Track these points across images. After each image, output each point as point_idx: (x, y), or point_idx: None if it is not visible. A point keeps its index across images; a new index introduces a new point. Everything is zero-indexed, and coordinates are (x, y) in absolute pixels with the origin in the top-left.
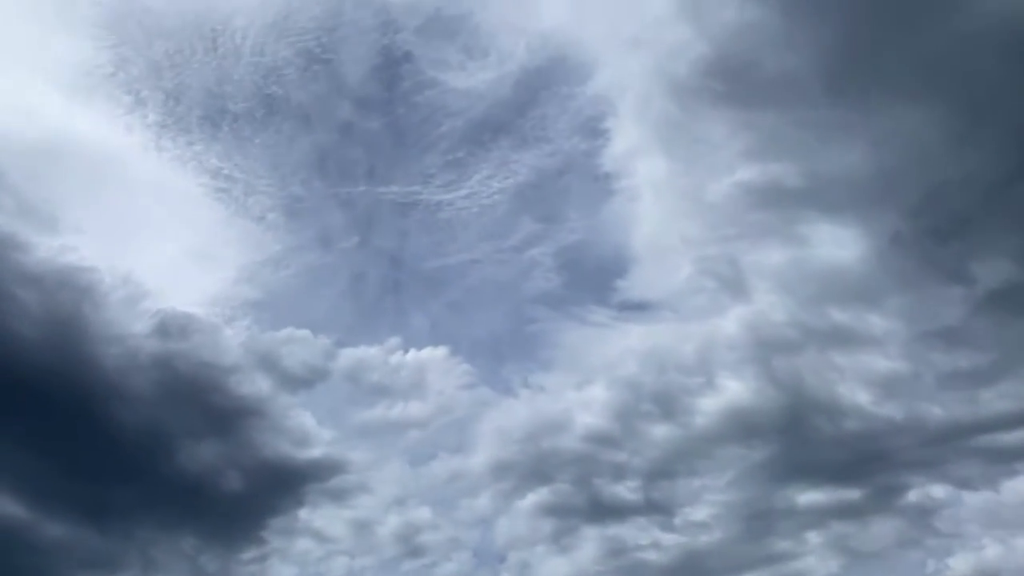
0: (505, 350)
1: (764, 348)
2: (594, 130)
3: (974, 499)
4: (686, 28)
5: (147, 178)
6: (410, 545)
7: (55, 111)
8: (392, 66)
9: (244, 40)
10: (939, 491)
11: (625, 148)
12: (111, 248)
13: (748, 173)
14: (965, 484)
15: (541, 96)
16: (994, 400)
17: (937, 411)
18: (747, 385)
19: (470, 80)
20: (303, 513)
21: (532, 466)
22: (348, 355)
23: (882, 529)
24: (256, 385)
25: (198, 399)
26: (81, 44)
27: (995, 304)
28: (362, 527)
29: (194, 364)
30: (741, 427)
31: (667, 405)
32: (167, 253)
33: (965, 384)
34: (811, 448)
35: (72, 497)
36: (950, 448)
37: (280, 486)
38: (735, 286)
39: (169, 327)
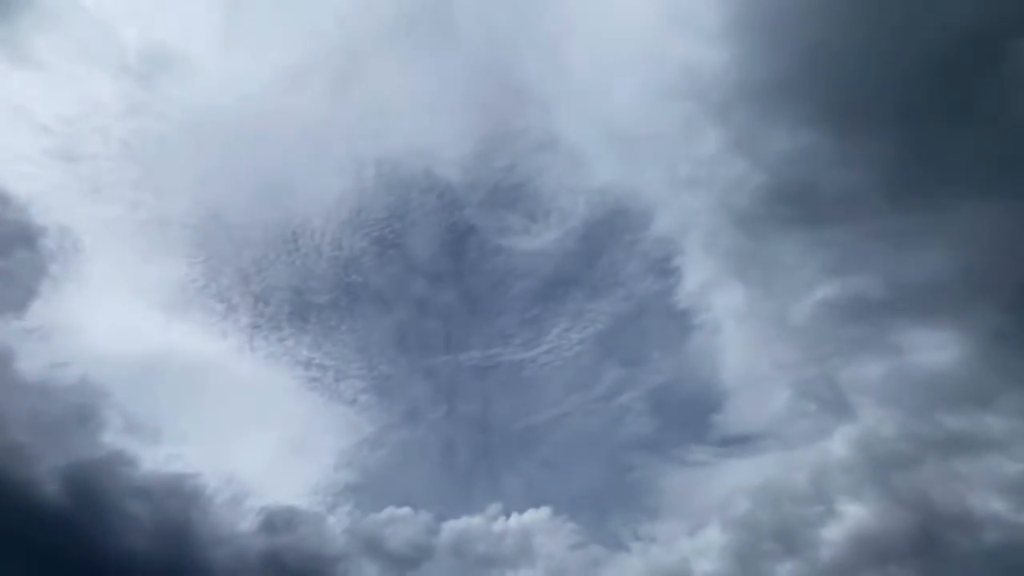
0: (609, 503)
1: (879, 466)
2: (664, 270)
3: None
4: (741, 162)
5: (243, 377)
6: None
7: (154, 327)
8: (459, 240)
9: (323, 237)
10: None
11: (698, 283)
12: (213, 451)
13: (829, 290)
14: None
15: (607, 245)
16: None
17: None
18: (869, 507)
19: (535, 242)
20: None
21: None
22: (450, 528)
23: None
24: (363, 571)
25: None
26: (175, 263)
27: None
28: None
29: (301, 557)
30: (872, 553)
31: (789, 540)
32: (267, 448)
33: None
34: (951, 566)
35: None
36: None
37: None
38: (837, 405)
39: (274, 522)
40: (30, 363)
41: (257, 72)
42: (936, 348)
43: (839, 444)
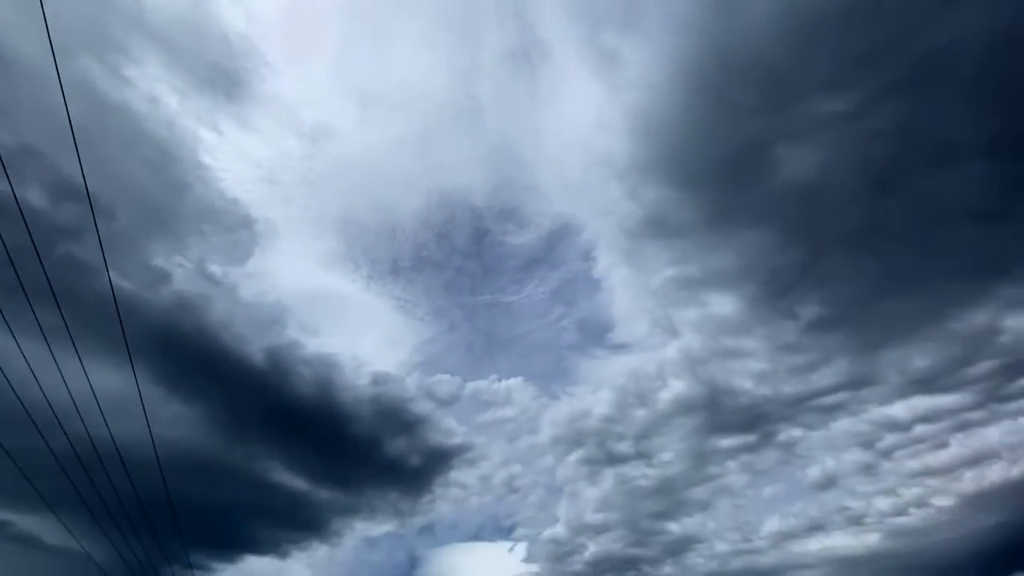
0: (552, 375)
1: (692, 362)
2: (588, 257)
3: (816, 434)
4: (631, 204)
5: (363, 305)
6: (511, 487)
7: (316, 276)
8: (481, 236)
9: (408, 231)
10: (796, 432)
11: (605, 264)
12: (346, 343)
13: (671, 272)
14: (810, 427)
15: (559, 243)
16: (819, 380)
17: (788, 388)
18: (685, 383)
19: (522, 239)
20: (452, 474)
21: (572, 437)
22: (470, 386)
23: (768, 456)
24: (423, 406)
25: (394, 417)
26: (328, 240)
27: (814, 328)
28: (484, 479)
29: (392, 399)
30: (684, 407)
31: (643, 398)
32: (375, 342)
33: (803, 372)
34: (723, 414)
35: (331, 475)
36: (798, 408)
37: (440, 460)
38: (672, 331)
39: (377, 380)
40: (248, 292)
41: (377, 140)
42: (722, 304)
43: (671, 351)
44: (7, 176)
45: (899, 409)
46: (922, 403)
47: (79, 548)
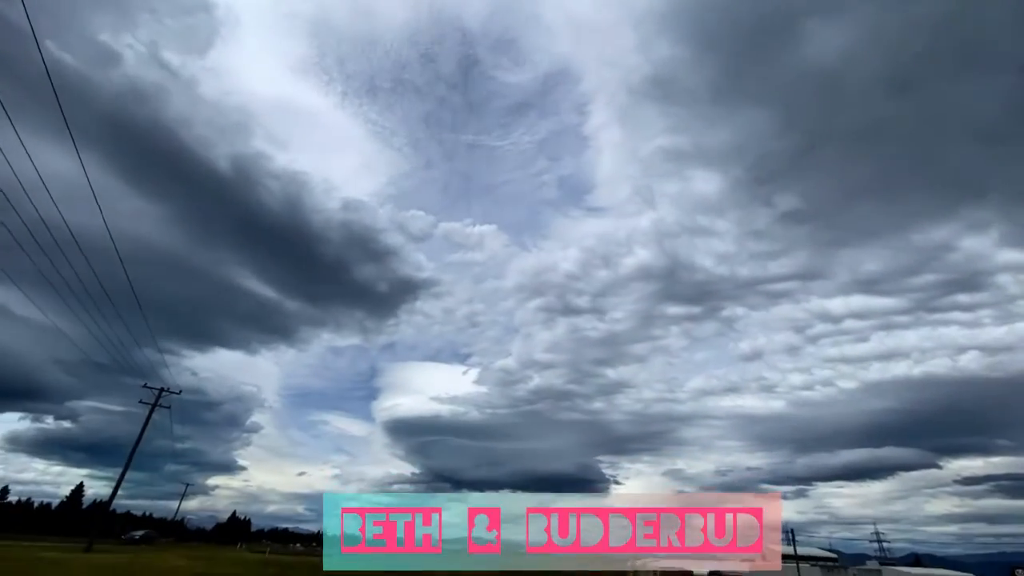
0: (525, 227)
1: (661, 235)
2: (582, 110)
3: (757, 314)
4: (640, 58)
5: (336, 123)
6: (472, 321)
7: (286, 82)
8: (470, 66)
9: (391, 47)
10: (740, 311)
11: (598, 122)
12: (317, 161)
13: (663, 142)
14: (753, 308)
15: (554, 89)
16: (776, 268)
17: (745, 271)
18: (650, 253)
19: (515, 78)
20: (417, 304)
21: (535, 287)
22: (443, 226)
23: (709, 327)
24: (395, 238)
25: (364, 244)
26: (302, 44)
27: (785, 219)
28: (448, 311)
29: (362, 227)
30: (643, 275)
31: (608, 261)
32: (349, 166)
33: (763, 259)
34: (678, 286)
35: (299, 289)
36: (748, 290)
37: (407, 290)
38: (649, 201)
39: (349, 206)
40: (209, 89)
41: None
42: (705, 182)
43: (644, 221)
44: None
45: (837, 304)
46: (858, 302)
47: (48, 321)
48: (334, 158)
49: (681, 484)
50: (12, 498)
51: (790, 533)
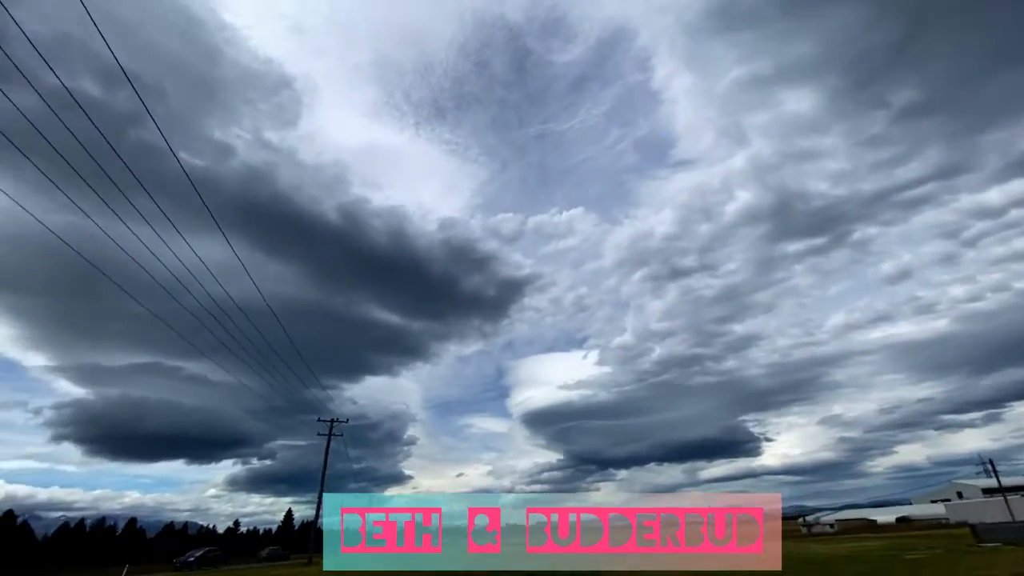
0: (612, 201)
1: (761, 171)
2: (645, 66)
3: (895, 230)
4: None
5: (415, 153)
6: (580, 306)
7: (366, 129)
8: (522, 59)
9: (446, 66)
10: (872, 230)
11: (664, 74)
12: (409, 192)
13: (740, 72)
14: (889, 223)
15: (612, 54)
16: (905, 173)
17: (868, 186)
18: (752, 193)
19: (568, 55)
20: (525, 300)
21: (635, 258)
22: (532, 221)
23: (840, 256)
24: (490, 244)
25: (465, 256)
26: (375, 91)
27: (905, 116)
28: (555, 301)
29: (461, 239)
30: (750, 217)
31: (707, 213)
32: (436, 188)
33: (887, 167)
34: (792, 220)
35: (420, 310)
36: (878, 205)
37: (512, 289)
38: (740, 139)
39: (444, 224)
40: (307, 154)
41: None
42: (798, 101)
43: (738, 161)
44: (49, 67)
45: (993, 196)
46: (1020, 187)
47: (236, 381)
48: (422, 184)
49: (841, 430)
50: (243, 528)
51: (988, 463)
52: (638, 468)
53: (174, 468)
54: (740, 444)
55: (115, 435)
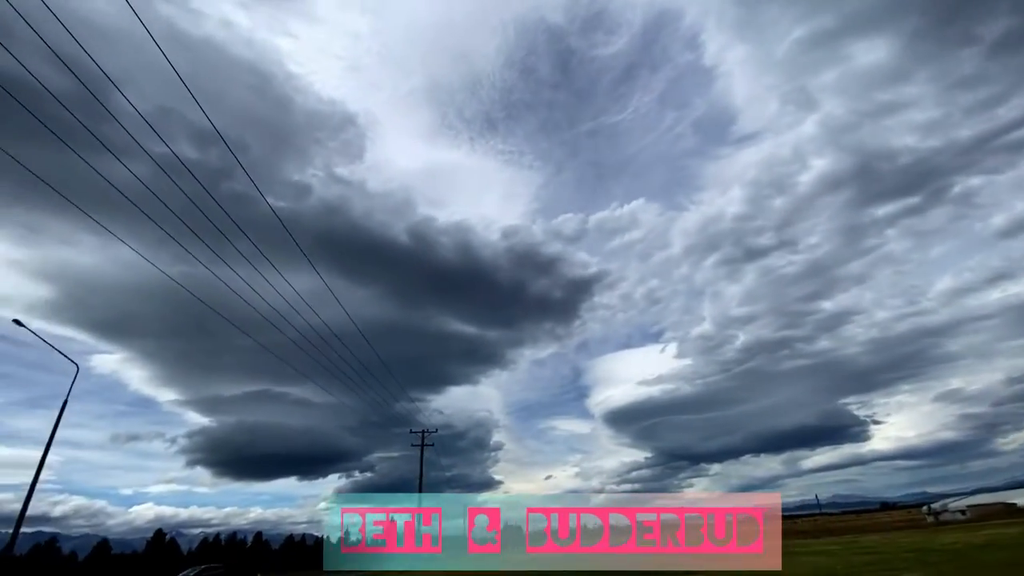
0: (674, 187)
1: (835, 133)
2: (694, 44)
3: (1003, 177)
4: None
5: (473, 167)
6: (652, 299)
7: (426, 151)
8: (567, 59)
9: (493, 78)
10: (976, 181)
11: (716, 48)
12: (471, 206)
13: (800, 32)
14: (994, 171)
15: (658, 37)
16: (1008, 112)
17: (966, 132)
18: (829, 159)
19: (613, 47)
20: (595, 299)
21: (707, 242)
22: (593, 218)
23: (939, 214)
24: (554, 246)
25: (530, 261)
26: (430, 113)
27: (1000, 49)
28: (625, 297)
29: (524, 245)
30: (829, 185)
31: (780, 186)
32: (496, 198)
33: (984, 108)
34: (879, 181)
35: (493, 318)
36: (978, 152)
37: (581, 289)
38: (807, 103)
39: (507, 233)
40: (375, 183)
41: None
42: (870, 52)
43: (809, 127)
44: (159, 135)
45: None
46: None
47: (336, 401)
48: (482, 196)
49: (963, 406)
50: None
51: None
52: (732, 461)
53: (288, 485)
54: (844, 429)
55: (236, 458)
